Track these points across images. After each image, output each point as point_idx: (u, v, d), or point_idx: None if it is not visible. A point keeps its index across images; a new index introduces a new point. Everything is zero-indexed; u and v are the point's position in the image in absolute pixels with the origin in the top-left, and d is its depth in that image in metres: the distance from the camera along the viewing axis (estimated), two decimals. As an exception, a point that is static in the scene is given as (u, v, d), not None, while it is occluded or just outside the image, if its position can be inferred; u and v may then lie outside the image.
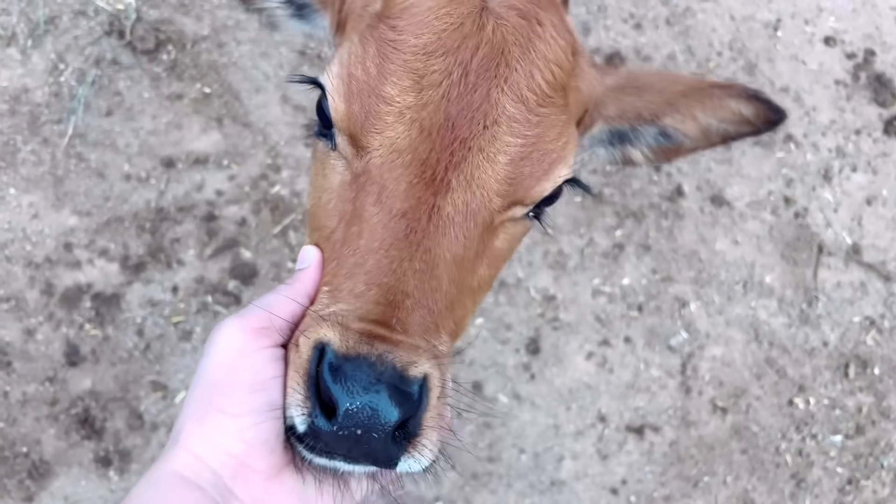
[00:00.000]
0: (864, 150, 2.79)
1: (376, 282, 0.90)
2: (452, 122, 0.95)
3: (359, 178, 0.97)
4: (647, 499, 2.42)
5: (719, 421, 2.50)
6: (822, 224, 2.70)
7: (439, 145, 0.94)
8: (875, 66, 2.87)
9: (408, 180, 0.94)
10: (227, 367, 0.87)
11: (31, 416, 2.29)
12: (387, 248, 0.91)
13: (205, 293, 2.41)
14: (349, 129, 0.97)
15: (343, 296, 0.91)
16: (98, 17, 2.59)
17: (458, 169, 0.95)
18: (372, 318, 0.87)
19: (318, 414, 0.83)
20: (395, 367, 0.83)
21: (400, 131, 0.95)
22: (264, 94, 2.59)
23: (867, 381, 2.60)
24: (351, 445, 0.83)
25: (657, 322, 2.54)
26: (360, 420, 0.81)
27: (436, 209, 0.94)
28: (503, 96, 0.97)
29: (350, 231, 0.95)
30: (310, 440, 0.85)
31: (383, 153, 0.95)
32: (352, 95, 0.97)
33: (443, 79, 0.96)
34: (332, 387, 0.82)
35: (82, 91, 2.51)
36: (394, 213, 0.93)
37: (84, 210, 2.44)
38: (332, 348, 0.84)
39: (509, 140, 0.97)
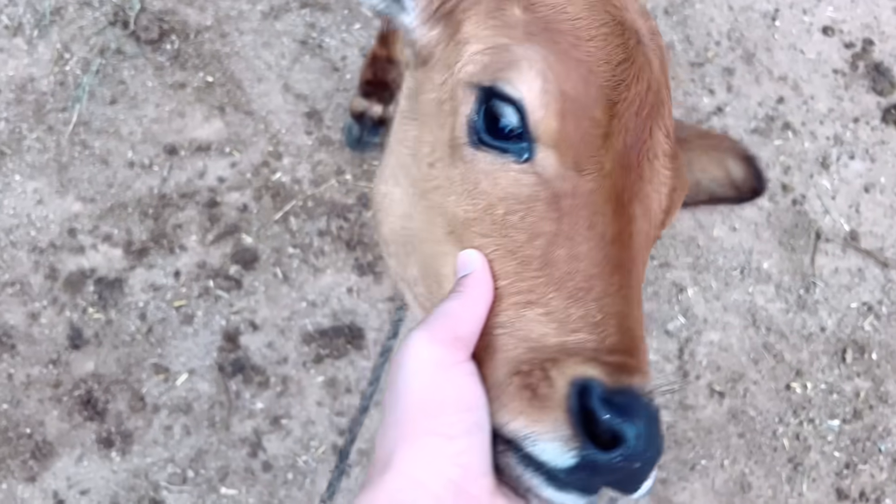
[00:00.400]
0: (863, 138, 2.80)
1: (612, 311, 0.89)
2: (628, 152, 0.96)
3: (561, 199, 0.94)
4: (645, 482, 2.43)
5: (717, 405, 2.51)
6: (820, 211, 2.71)
7: (621, 175, 0.96)
8: (873, 56, 2.88)
9: (613, 207, 0.94)
10: (429, 385, 0.83)
11: (34, 398, 2.32)
12: (609, 275, 0.90)
13: (206, 278, 2.45)
14: (560, 148, 0.95)
15: (576, 324, 0.88)
16: (103, 7, 2.63)
17: (637, 199, 0.96)
18: (621, 349, 0.86)
19: (590, 446, 0.80)
20: (648, 398, 0.83)
21: (605, 157, 0.95)
22: (266, 83, 2.62)
23: (865, 366, 2.60)
24: (621, 477, 0.82)
25: (655, 307, 2.56)
26: (638, 452, 0.79)
27: (630, 236, 0.94)
28: (659, 132, 1.00)
29: (556, 252, 0.92)
30: (580, 475, 0.82)
31: (596, 177, 0.94)
32: (566, 114, 0.95)
33: (626, 109, 0.97)
34: (615, 418, 0.80)
35: (87, 80, 2.55)
36: (608, 239, 0.92)
37: (88, 196, 2.47)
38: (599, 382, 0.82)
39: (666, 173, 1.00)
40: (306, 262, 2.49)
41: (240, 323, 2.43)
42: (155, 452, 2.33)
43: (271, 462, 2.35)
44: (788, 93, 2.80)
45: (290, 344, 2.43)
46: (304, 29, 2.68)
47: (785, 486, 2.50)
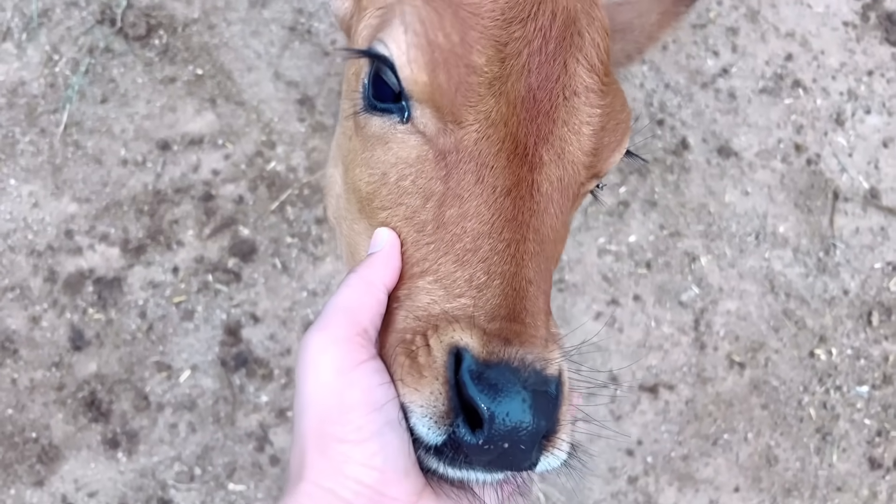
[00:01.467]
0: (878, 91, 2.68)
1: (498, 270, 0.83)
2: (534, 94, 0.89)
3: (447, 155, 0.89)
4: (665, 459, 2.34)
5: (737, 376, 2.41)
6: (837, 169, 2.60)
7: (524, 119, 0.89)
8: (885, 5, 2.76)
9: (506, 156, 0.88)
10: (332, 390, 0.79)
11: (39, 402, 2.30)
12: (499, 231, 0.85)
13: (205, 272, 2.41)
14: (434, 103, 0.90)
15: (461, 287, 0.83)
16: (90, 6, 2.61)
17: (546, 143, 0.90)
18: (503, 314, 0.81)
19: (462, 424, 0.76)
20: (536, 370, 0.77)
21: (492, 104, 0.88)
22: (256, 73, 2.58)
23: (892, 328, 2.48)
24: (493, 458, 0.76)
25: (667, 278, 2.47)
26: (508, 432, 0.74)
27: (535, 186, 0.88)
28: (579, 66, 0.93)
29: (447, 213, 0.87)
30: (448, 453, 0.78)
31: (479, 128, 0.88)
32: (436, 66, 0.89)
33: (523, 48, 0.90)
34: (479, 396, 0.75)
35: (77, 80, 2.53)
36: (498, 193, 0.86)
37: (83, 196, 2.45)
38: (471, 354, 0.77)
39: (589, 111, 0.93)
40: (305, 251, 2.44)
41: (241, 316, 2.38)
42: (161, 451, 2.29)
43: (279, 455, 2.30)
44: (797, 49, 2.68)
45: (292, 335, 2.38)
46: (292, 15, 2.63)
47: (814, 457, 2.39)
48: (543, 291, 0.87)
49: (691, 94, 2.61)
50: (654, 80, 2.60)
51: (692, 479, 2.34)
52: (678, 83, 2.61)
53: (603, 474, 2.32)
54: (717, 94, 2.62)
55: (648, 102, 2.58)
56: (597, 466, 2.34)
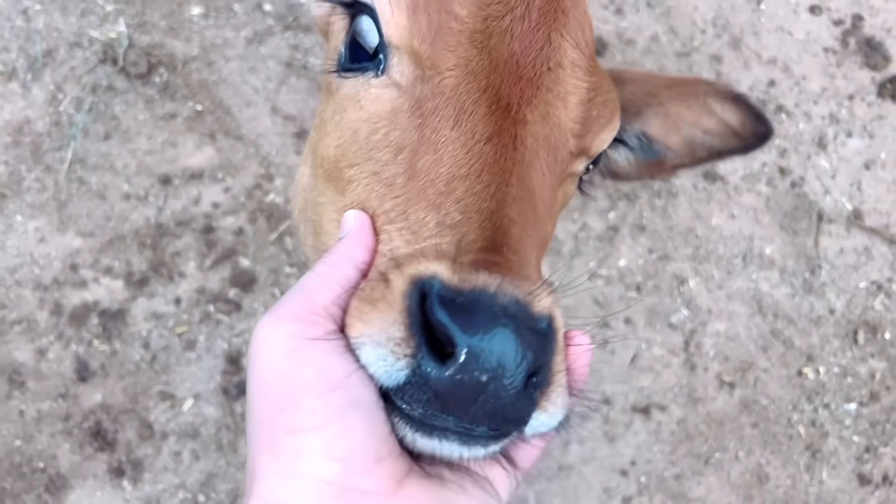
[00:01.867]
0: (859, 114, 2.75)
1: (475, 208, 0.76)
2: (517, 59, 0.87)
3: (424, 103, 0.86)
4: (658, 478, 2.39)
5: (727, 396, 2.47)
6: (821, 192, 2.67)
7: (507, 79, 0.86)
8: (864, 31, 2.84)
9: (487, 105, 0.84)
10: (281, 374, 0.67)
11: (45, 433, 2.36)
12: (478, 173, 0.79)
13: (206, 302, 2.47)
14: (413, 47, 0.88)
15: (433, 230, 0.75)
16: (92, 46, 2.69)
17: (531, 105, 0.87)
18: (480, 246, 0.72)
19: (427, 355, 0.64)
20: (520, 300, 0.66)
21: (473, 53, 0.86)
22: (254, 108, 2.66)
23: (878, 346, 2.54)
24: (471, 400, 0.63)
25: (657, 301, 2.53)
26: (486, 362, 0.62)
27: (519, 139, 0.84)
28: (563, 41, 0.92)
29: (420, 161, 0.82)
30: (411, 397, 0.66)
31: (458, 73, 0.85)
32: (417, 8, 0.88)
33: (506, 12, 0.89)
34: (447, 320, 0.63)
35: (80, 118, 2.61)
36: (478, 138, 0.82)
37: (87, 231, 2.52)
38: (440, 280, 0.66)
39: (574, 83, 0.92)
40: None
41: (242, 345, 2.44)
42: (166, 479, 2.35)
43: (280, 481, 2.36)
44: (779, 75, 2.76)
45: (292, 363, 2.44)
46: (289, 51, 2.71)
47: (804, 474, 2.44)
48: (532, 239, 0.79)
49: (677, 121, 2.68)
50: (641, 108, 2.67)
51: (685, 498, 2.39)
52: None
53: (597, 494, 2.37)
54: (702, 120, 2.69)
55: (635, 130, 2.66)
56: (591, 487, 2.39)
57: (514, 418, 0.66)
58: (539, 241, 0.83)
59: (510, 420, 0.66)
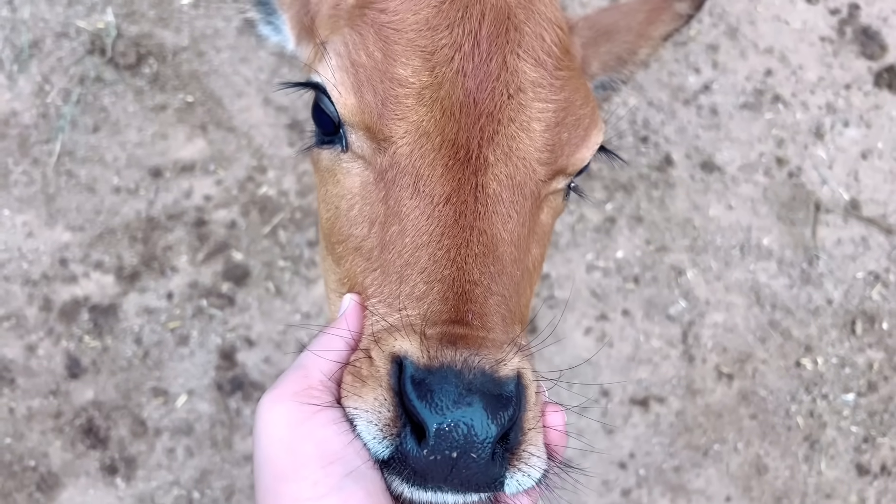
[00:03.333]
0: (856, 104, 2.74)
1: (437, 277, 0.80)
2: (473, 97, 0.87)
3: (385, 174, 0.88)
4: (657, 471, 2.38)
5: (725, 387, 2.46)
6: (818, 182, 2.65)
7: (465, 123, 0.86)
8: (860, 20, 2.82)
9: (443, 163, 0.85)
10: (284, 447, 0.72)
11: (36, 430, 2.32)
12: (438, 238, 0.82)
13: (199, 297, 2.43)
14: (364, 123, 0.89)
15: (402, 302, 0.80)
16: (80, 37, 2.64)
17: (492, 143, 0.87)
18: (445, 318, 0.77)
19: (409, 436, 0.71)
20: (485, 371, 0.72)
21: (423, 113, 0.86)
22: (246, 99, 2.62)
23: (876, 336, 2.54)
24: (447, 472, 0.70)
25: (655, 293, 2.51)
26: (454, 440, 0.69)
27: (480, 188, 0.85)
28: (521, 62, 0.91)
29: (388, 233, 0.85)
30: (398, 469, 0.72)
31: (409, 139, 0.86)
32: (361, 85, 0.89)
33: (454, 53, 0.88)
34: (418, 405, 0.70)
35: (68, 110, 2.56)
36: (436, 201, 0.84)
37: (77, 225, 2.47)
38: (411, 361, 0.72)
39: (539, 106, 0.91)
40: (298, 273, 2.47)
41: (235, 340, 2.41)
42: (159, 476, 2.31)
43: (276, 477, 2.33)
44: (776, 65, 2.74)
45: (287, 358, 2.41)
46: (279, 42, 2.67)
47: (802, 465, 2.43)
48: (497, 294, 0.82)
49: (674, 111, 2.66)
50: (638, 97, 2.65)
51: (684, 490, 2.38)
52: (661, 100, 2.66)
53: (596, 487, 2.36)
54: (699, 110, 2.67)
55: (632, 120, 2.64)
56: (590, 480, 2.37)
57: (487, 483, 0.72)
58: (509, 287, 0.85)
59: (484, 485, 0.72)
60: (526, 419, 0.74)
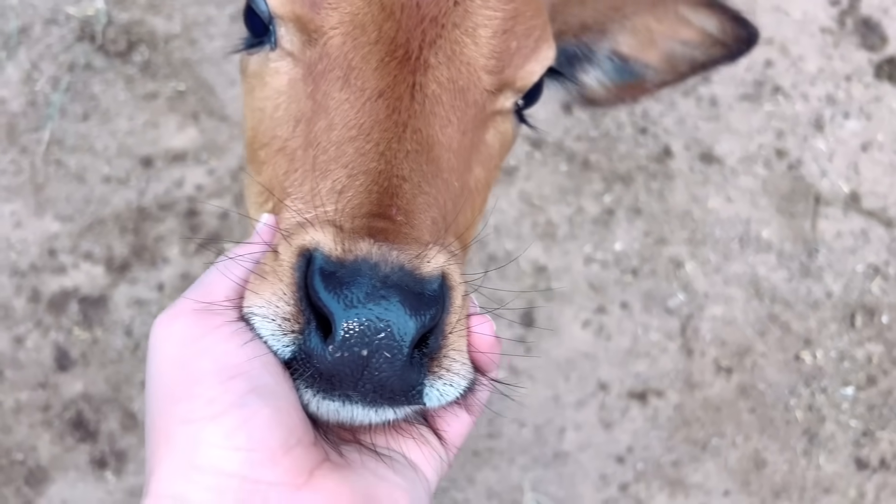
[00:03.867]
0: (856, 96, 2.71)
1: (362, 169, 0.74)
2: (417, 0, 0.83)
3: (314, 67, 0.83)
4: (655, 465, 2.36)
5: (724, 381, 2.43)
6: (818, 174, 2.63)
7: (406, 25, 0.82)
8: (861, 11, 2.80)
9: (378, 58, 0.81)
10: (177, 363, 0.64)
11: (25, 423, 2.28)
12: (367, 132, 0.77)
13: (191, 289, 2.40)
14: (295, 13, 0.84)
15: (321, 197, 0.73)
16: (69, 23, 2.59)
17: (434, 46, 0.83)
18: (366, 211, 0.70)
19: (314, 331, 0.63)
20: (405, 266, 0.65)
21: (359, 6, 0.82)
22: (239, 87, 2.57)
23: (875, 329, 2.51)
24: (357, 375, 0.62)
25: (653, 285, 2.48)
26: (365, 336, 0.61)
27: (418, 87, 0.81)
28: None
29: (314, 129, 0.80)
30: (302, 371, 0.65)
31: (343, 30, 0.82)
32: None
33: None
34: (326, 297, 0.62)
35: (57, 98, 2.51)
36: (368, 95, 0.79)
37: (66, 215, 2.43)
38: (321, 252, 0.65)
39: (487, 13, 0.86)
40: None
41: (228, 332, 2.37)
42: (150, 470, 2.28)
43: (269, 472, 2.29)
44: (776, 55, 2.71)
45: (280, 350, 2.37)
46: (274, 29, 2.63)
47: (801, 459, 2.41)
48: (428, 195, 0.76)
49: (673, 102, 2.63)
50: (636, 88, 2.62)
51: (682, 485, 2.36)
52: (660, 91, 2.63)
53: (594, 482, 2.33)
54: (698, 101, 2.64)
55: (631, 111, 2.60)
56: (588, 474, 2.35)
57: (403, 389, 0.64)
58: (444, 194, 0.79)
59: (400, 391, 0.64)
60: (448, 322, 0.67)
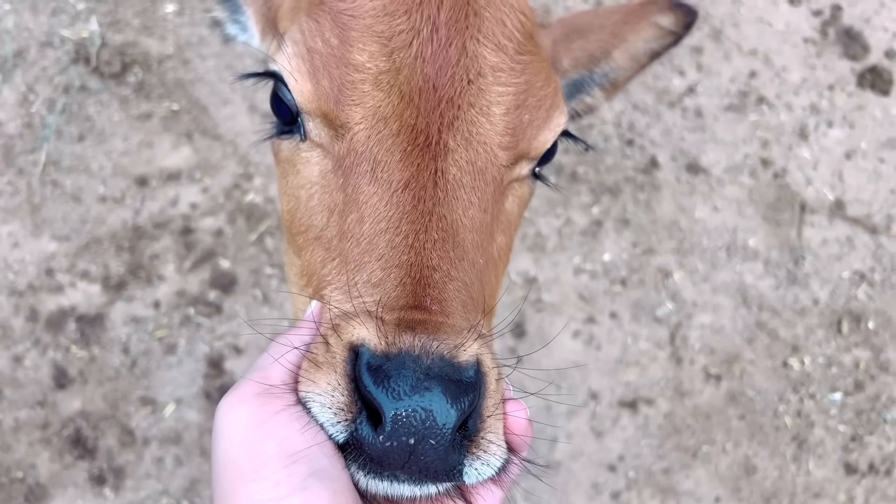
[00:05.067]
0: (839, 104, 2.75)
1: (394, 263, 0.79)
2: (433, 82, 0.87)
3: (343, 161, 0.87)
4: (646, 473, 2.39)
5: (713, 389, 2.47)
6: (803, 182, 2.67)
7: (425, 108, 0.86)
8: (843, 21, 2.84)
9: (401, 148, 0.85)
10: (244, 447, 0.69)
11: (24, 441, 2.31)
12: (396, 225, 0.81)
13: (186, 305, 2.43)
14: (321, 109, 0.88)
15: (359, 290, 0.79)
16: (64, 46, 2.63)
17: (452, 129, 0.87)
18: (403, 303, 0.76)
19: (365, 421, 0.69)
20: (444, 356, 0.70)
21: (380, 98, 0.86)
22: (231, 106, 2.62)
23: (862, 335, 2.55)
24: (404, 459, 0.68)
25: (642, 295, 2.52)
26: (412, 426, 0.67)
27: (440, 174, 0.85)
28: (481, 47, 0.91)
29: (347, 221, 0.85)
30: (355, 456, 0.71)
31: (367, 125, 0.86)
32: (317, 71, 0.88)
33: (412, 38, 0.88)
34: (375, 391, 0.68)
35: (53, 119, 2.55)
36: (395, 187, 0.83)
37: (63, 235, 2.47)
38: (367, 348, 0.71)
39: (499, 90, 0.91)
40: (285, 280, 2.47)
41: (223, 348, 2.41)
42: (148, 486, 2.31)
43: (266, 485, 2.32)
44: (760, 66, 2.76)
45: (275, 365, 2.41)
46: (266, 48, 2.67)
47: (791, 465, 2.44)
48: (457, 280, 0.81)
49: (659, 114, 2.67)
50: (623, 100, 2.66)
51: (674, 492, 2.39)
52: (646, 103, 2.67)
53: (586, 490, 2.36)
54: (684, 112, 2.68)
55: (617, 123, 2.64)
56: (580, 483, 2.38)
57: (445, 470, 0.70)
58: (471, 274, 0.85)
59: (443, 472, 0.70)
60: (485, 406, 0.73)
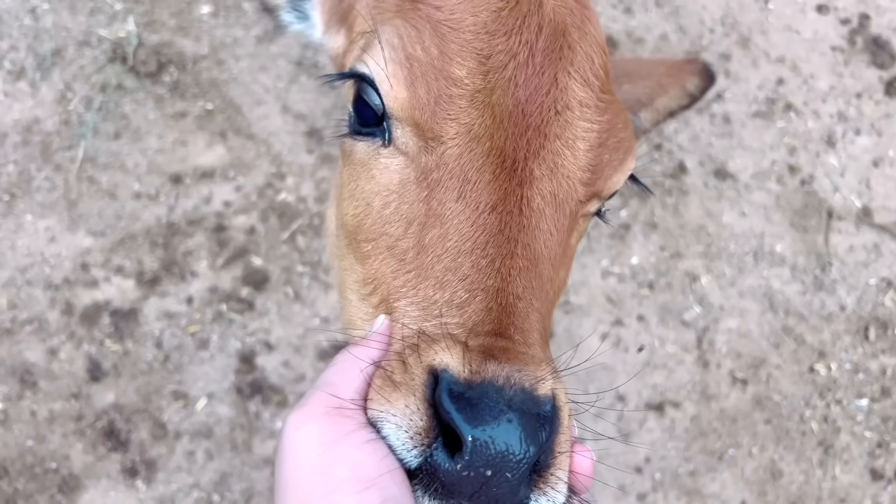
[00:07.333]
0: (867, 112, 2.77)
1: (480, 286, 0.77)
2: (522, 107, 0.86)
3: (429, 174, 0.85)
4: (672, 475, 2.40)
5: (740, 393, 2.48)
6: (830, 189, 2.68)
7: (513, 133, 0.85)
8: (871, 30, 2.86)
9: (491, 170, 0.83)
10: (314, 469, 0.67)
11: (58, 433, 2.34)
12: (482, 247, 0.80)
13: (219, 302, 2.46)
14: (414, 119, 0.87)
15: (440, 308, 0.77)
16: (101, 45, 2.68)
17: (538, 157, 0.86)
18: (487, 329, 0.75)
19: (442, 447, 0.68)
20: (525, 388, 0.69)
21: (475, 116, 0.85)
22: (265, 106, 2.65)
23: (889, 342, 2.56)
24: (475, 489, 0.67)
25: (669, 298, 2.54)
26: (490, 457, 0.66)
27: (525, 201, 0.84)
28: (571, 80, 0.90)
29: (428, 235, 0.83)
30: (426, 483, 0.69)
31: (461, 141, 0.84)
32: (415, 80, 0.87)
33: (508, 60, 0.87)
34: (456, 416, 0.66)
35: (90, 117, 2.60)
36: (483, 208, 0.82)
37: (98, 230, 2.51)
38: (451, 374, 0.69)
39: (585, 125, 0.90)
40: (316, 278, 2.50)
41: (255, 344, 2.44)
42: (179, 479, 2.34)
43: (295, 480, 2.35)
44: (788, 74, 2.77)
45: (305, 361, 2.44)
46: (299, 50, 2.71)
47: (817, 470, 2.45)
48: (537, 310, 0.81)
49: (688, 120, 2.69)
50: (651, 106, 2.68)
51: (700, 495, 2.40)
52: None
53: (613, 492, 2.37)
54: (712, 118, 2.70)
55: (646, 128, 2.67)
56: (606, 485, 2.39)
57: (512, 502, 0.69)
58: (547, 306, 0.84)
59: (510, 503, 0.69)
60: (558, 442, 0.72)
